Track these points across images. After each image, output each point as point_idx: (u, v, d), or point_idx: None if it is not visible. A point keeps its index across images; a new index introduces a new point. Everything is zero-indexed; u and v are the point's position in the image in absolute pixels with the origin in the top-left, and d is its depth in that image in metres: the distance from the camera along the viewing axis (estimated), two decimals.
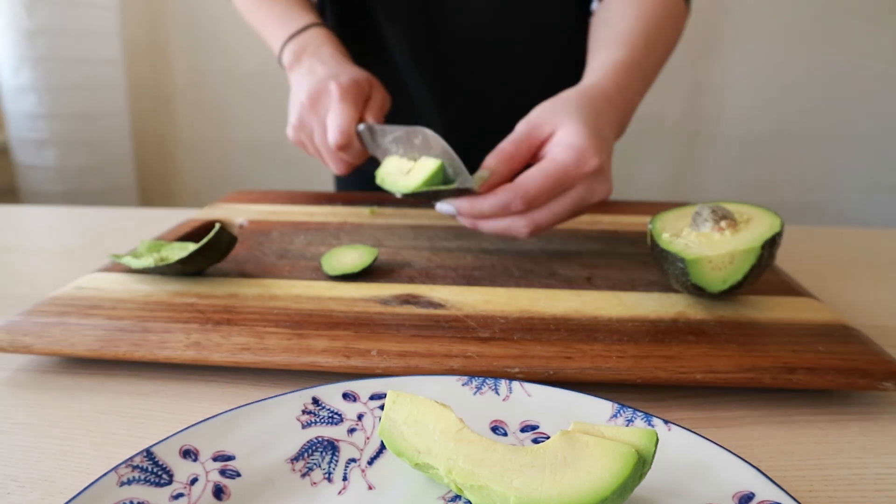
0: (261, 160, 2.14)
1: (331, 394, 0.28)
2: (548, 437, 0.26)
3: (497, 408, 0.28)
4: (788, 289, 0.43)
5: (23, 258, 0.56)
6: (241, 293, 0.41)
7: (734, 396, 0.34)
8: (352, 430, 0.27)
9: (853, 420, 0.32)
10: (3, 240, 0.61)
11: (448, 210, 0.46)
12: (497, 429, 0.27)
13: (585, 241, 0.54)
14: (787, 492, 0.23)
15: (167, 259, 0.43)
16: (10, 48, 1.65)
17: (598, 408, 0.28)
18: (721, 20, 1.86)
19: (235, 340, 0.35)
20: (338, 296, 0.41)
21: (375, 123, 0.53)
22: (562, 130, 0.45)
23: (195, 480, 0.24)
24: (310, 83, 0.57)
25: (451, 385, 0.29)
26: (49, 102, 1.69)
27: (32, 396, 0.33)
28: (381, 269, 0.46)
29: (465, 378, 0.30)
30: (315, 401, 0.28)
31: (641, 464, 0.21)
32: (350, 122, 0.53)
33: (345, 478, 0.25)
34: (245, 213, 0.62)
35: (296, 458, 0.26)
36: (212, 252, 0.43)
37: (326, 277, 0.44)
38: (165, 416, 0.31)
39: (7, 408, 0.32)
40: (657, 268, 0.47)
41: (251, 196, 0.70)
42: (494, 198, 0.44)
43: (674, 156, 2.02)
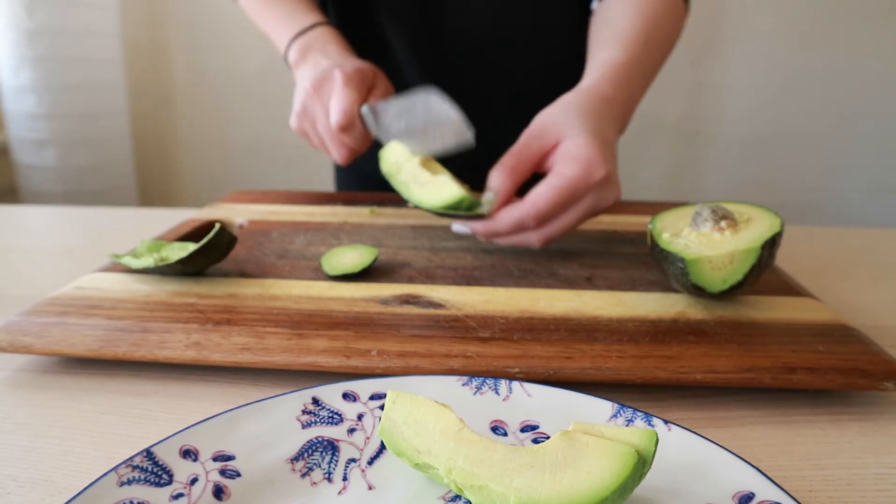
0: (261, 160, 2.14)
1: (331, 394, 0.28)
2: (548, 437, 0.26)
3: (497, 408, 0.28)
4: (788, 289, 0.43)
5: (23, 258, 0.56)
6: (241, 293, 0.41)
7: (734, 396, 0.34)
8: (352, 430, 0.27)
9: (853, 420, 0.32)
10: (3, 240, 0.61)
11: (463, 231, 0.48)
12: (497, 429, 0.27)
13: (585, 241, 0.54)
14: (787, 492, 0.23)
15: (167, 259, 0.43)
16: (10, 48, 1.65)
17: (598, 408, 0.28)
18: (721, 20, 1.86)
19: (235, 340, 0.35)
20: (338, 296, 0.41)
21: (377, 102, 0.54)
22: (567, 141, 0.45)
23: (195, 480, 0.24)
24: (314, 72, 0.57)
25: (451, 385, 0.29)
26: (49, 102, 1.69)
27: (32, 396, 0.33)
28: (381, 269, 0.46)
29: (465, 378, 0.30)
30: (315, 401, 0.28)
31: (641, 464, 0.21)
32: (352, 104, 0.53)
33: (345, 478, 0.25)
34: (245, 213, 0.62)
35: (296, 458, 0.26)
36: (212, 252, 0.43)
37: (326, 277, 0.44)
38: (165, 416, 0.31)
39: (7, 408, 0.32)
40: (657, 268, 0.47)
41: (251, 196, 0.70)
42: (508, 218, 0.44)
43: (674, 156, 2.02)
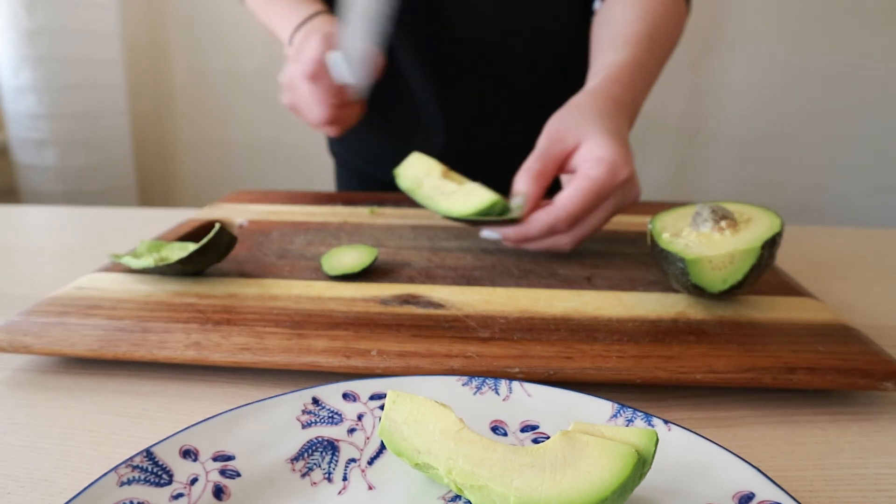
0: (261, 160, 2.14)
1: (331, 394, 0.28)
2: (548, 437, 0.26)
3: (497, 408, 0.28)
4: (788, 289, 0.43)
5: (23, 258, 0.56)
6: (241, 293, 0.41)
7: (734, 396, 0.34)
8: (352, 430, 0.27)
9: (853, 420, 0.32)
10: (3, 240, 0.61)
11: (494, 237, 0.48)
12: (497, 429, 0.27)
13: (585, 241, 0.54)
14: (788, 492, 0.23)
15: (167, 259, 0.43)
16: (10, 48, 1.65)
17: (598, 408, 0.28)
18: (721, 20, 1.86)
19: (235, 340, 0.35)
20: (338, 296, 0.41)
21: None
22: (588, 143, 0.46)
23: (195, 480, 0.24)
24: (298, 45, 0.59)
25: (451, 385, 0.29)
26: (49, 102, 1.69)
27: (32, 396, 0.33)
28: (381, 269, 0.46)
29: (465, 378, 0.30)
30: (315, 401, 0.28)
31: (641, 464, 0.21)
32: (318, 51, 0.54)
33: (345, 478, 0.25)
34: (245, 213, 0.62)
35: (296, 458, 0.26)
36: (212, 252, 0.43)
37: (326, 277, 0.44)
38: (165, 416, 0.31)
39: (7, 408, 0.32)
40: (657, 268, 0.47)
41: (251, 196, 0.70)
42: (540, 222, 0.45)
43: (674, 156, 2.02)
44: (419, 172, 0.52)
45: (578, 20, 0.72)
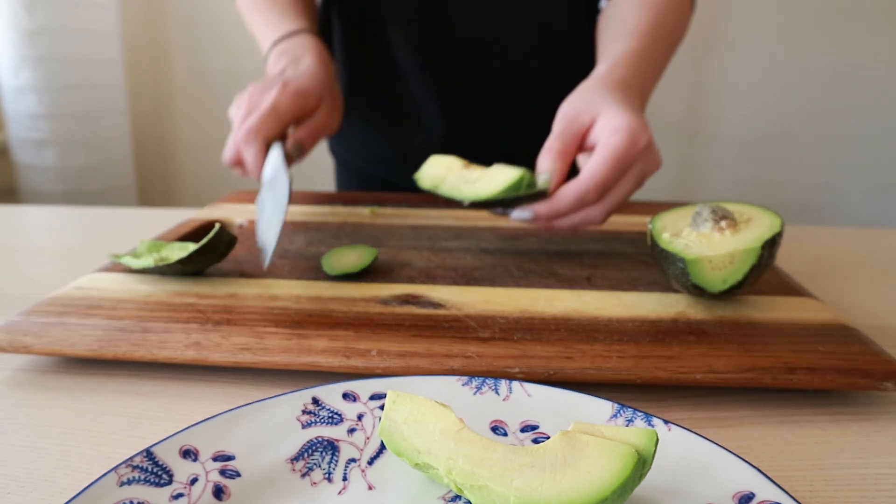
0: None
1: (331, 394, 0.28)
2: (548, 437, 0.26)
3: (497, 408, 0.28)
4: (788, 289, 0.43)
5: (23, 258, 0.56)
6: (241, 293, 0.41)
7: (734, 396, 0.34)
8: (352, 430, 0.27)
9: (853, 420, 0.32)
10: (3, 240, 0.61)
11: (525, 216, 0.48)
12: (497, 429, 0.27)
13: (585, 241, 0.54)
14: (788, 492, 0.23)
15: (167, 259, 0.43)
16: (10, 48, 1.64)
17: (598, 408, 0.28)
18: (721, 20, 1.86)
19: (235, 340, 0.35)
20: (338, 296, 0.41)
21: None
22: (604, 116, 0.46)
23: (195, 480, 0.24)
24: (268, 77, 0.59)
25: (451, 385, 0.29)
26: (49, 102, 1.69)
27: (32, 396, 0.33)
28: (381, 269, 0.46)
29: (465, 378, 0.30)
30: (315, 401, 0.28)
31: (641, 464, 0.21)
32: (235, 157, 0.57)
33: (345, 478, 0.25)
34: (245, 213, 0.62)
35: (296, 458, 0.26)
36: (212, 252, 0.43)
37: (326, 277, 0.44)
38: (165, 416, 0.31)
39: (7, 408, 0.32)
40: (657, 268, 0.47)
41: (251, 196, 0.70)
42: (570, 194, 0.45)
43: (674, 156, 2.01)
44: (440, 171, 0.52)
45: (580, 19, 0.72)
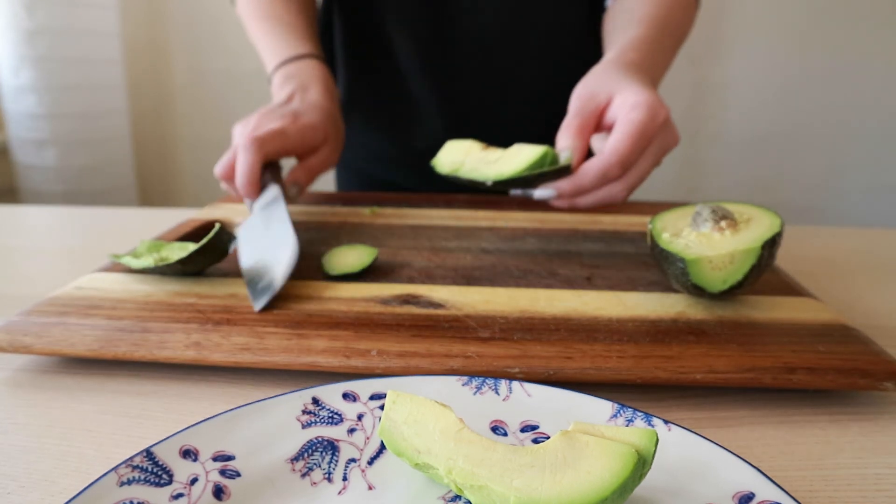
0: None
1: (331, 394, 0.28)
2: (548, 437, 0.26)
3: (497, 408, 0.28)
4: (788, 289, 0.43)
5: (23, 258, 0.56)
6: (241, 293, 0.41)
7: (734, 396, 0.34)
8: (352, 430, 0.27)
9: (853, 420, 0.32)
10: (3, 240, 0.61)
11: (548, 194, 0.47)
12: (497, 429, 0.27)
13: (585, 241, 0.54)
14: (788, 492, 0.23)
15: (167, 259, 0.43)
16: (10, 48, 1.64)
17: (598, 408, 0.28)
18: (721, 20, 1.86)
19: (235, 340, 0.35)
20: (338, 296, 0.41)
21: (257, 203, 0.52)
22: (622, 94, 0.46)
23: (195, 480, 0.24)
24: (278, 101, 0.59)
25: (451, 385, 0.29)
26: (49, 102, 1.69)
27: (32, 396, 0.33)
28: (381, 269, 0.46)
29: (465, 378, 0.30)
30: (315, 401, 0.28)
31: (641, 464, 0.21)
32: (228, 169, 0.53)
33: (345, 478, 0.25)
34: (245, 214, 0.62)
35: (296, 458, 0.26)
36: (212, 252, 0.43)
37: (326, 277, 0.44)
38: (165, 416, 0.31)
39: (7, 408, 0.32)
40: (657, 268, 0.47)
41: None
42: (593, 170, 0.45)
43: (674, 156, 2.01)
44: (458, 155, 0.51)
45: (585, 19, 0.72)
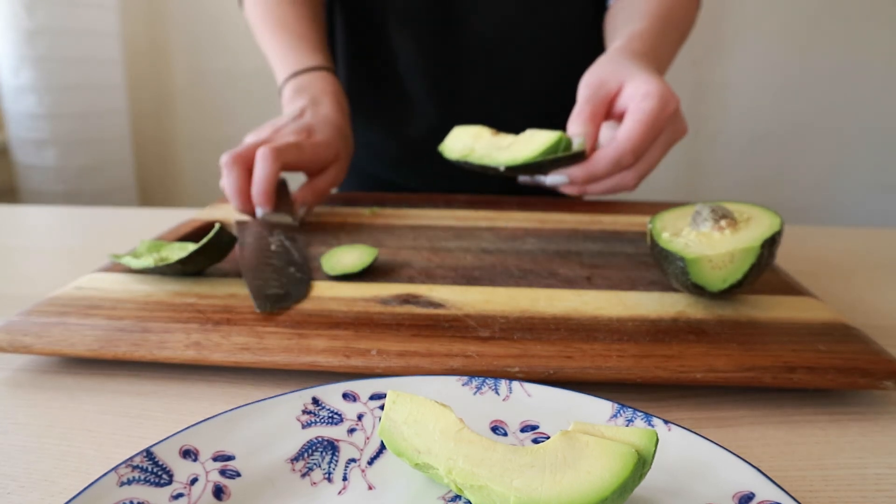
0: None
1: (331, 394, 0.28)
2: (548, 437, 0.26)
3: (497, 408, 0.28)
4: (788, 288, 0.43)
5: (23, 258, 0.56)
6: (241, 293, 0.41)
7: (734, 396, 0.34)
8: (352, 430, 0.27)
9: (853, 420, 0.32)
10: (3, 240, 0.61)
11: (560, 180, 0.47)
12: (497, 429, 0.27)
13: (585, 241, 0.54)
14: (788, 492, 0.23)
15: (167, 259, 0.43)
16: (10, 48, 1.65)
17: (598, 408, 0.28)
18: (721, 20, 1.86)
19: (235, 340, 0.35)
20: (338, 296, 0.41)
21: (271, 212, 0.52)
22: (632, 82, 0.47)
23: (195, 480, 0.24)
24: (289, 115, 0.58)
25: (451, 385, 0.29)
26: (49, 102, 1.69)
27: (32, 396, 0.33)
28: (381, 269, 0.46)
29: (465, 378, 0.30)
30: (315, 401, 0.28)
31: (641, 464, 0.21)
32: (241, 181, 0.52)
33: (345, 478, 0.25)
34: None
35: (296, 458, 0.26)
36: (212, 252, 0.43)
37: (326, 277, 0.44)
38: (165, 416, 0.31)
39: (7, 408, 0.32)
40: (657, 267, 0.47)
41: None
42: (606, 157, 0.45)
43: (674, 155, 2.01)
44: (467, 140, 0.51)
45: (587, 17, 0.72)
